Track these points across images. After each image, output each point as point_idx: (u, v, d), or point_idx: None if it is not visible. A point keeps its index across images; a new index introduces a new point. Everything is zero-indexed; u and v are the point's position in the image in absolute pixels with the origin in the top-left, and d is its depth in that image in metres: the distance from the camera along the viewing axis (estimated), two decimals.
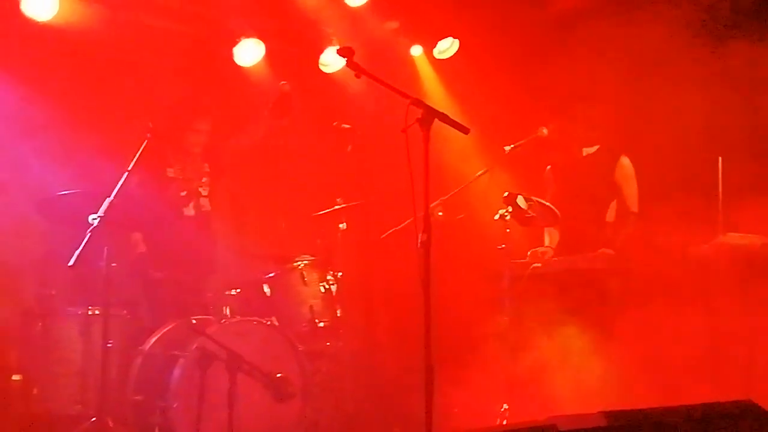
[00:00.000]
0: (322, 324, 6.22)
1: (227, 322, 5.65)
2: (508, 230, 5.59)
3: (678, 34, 6.39)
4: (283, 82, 6.29)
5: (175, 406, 5.27)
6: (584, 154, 6.29)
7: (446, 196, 6.09)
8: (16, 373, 5.67)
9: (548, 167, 6.47)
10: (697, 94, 6.32)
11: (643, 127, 6.52)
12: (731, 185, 5.26)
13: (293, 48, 7.59)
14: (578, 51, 6.70)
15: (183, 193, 6.33)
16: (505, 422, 5.37)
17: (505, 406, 5.44)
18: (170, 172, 6.32)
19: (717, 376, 5.53)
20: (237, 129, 6.58)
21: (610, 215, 6.15)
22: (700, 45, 6.32)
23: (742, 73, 6.21)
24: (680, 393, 5.29)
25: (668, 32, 6.40)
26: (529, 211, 5.58)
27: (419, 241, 4.03)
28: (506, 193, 5.59)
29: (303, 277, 6.27)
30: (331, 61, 7.45)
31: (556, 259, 6.03)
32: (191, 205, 6.35)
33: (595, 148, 6.27)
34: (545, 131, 5.98)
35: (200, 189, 6.40)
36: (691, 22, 6.36)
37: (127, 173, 5.22)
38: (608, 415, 3.19)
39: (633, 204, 6.13)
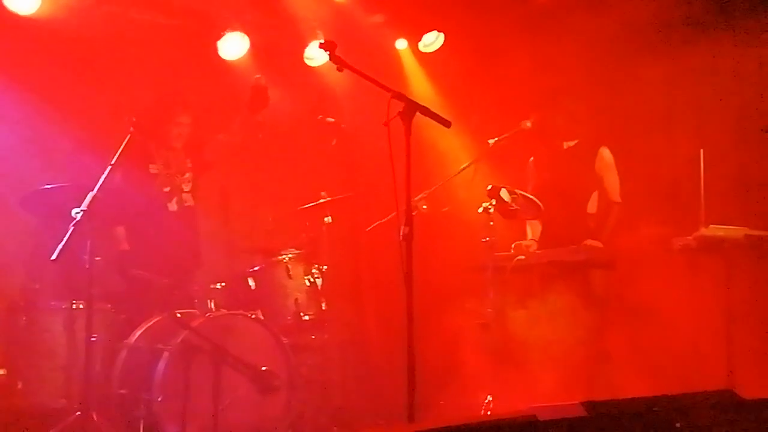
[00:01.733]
0: (307, 317, 6.23)
1: (212, 316, 5.65)
2: (491, 223, 5.62)
3: (663, 26, 6.42)
4: (258, 76, 6.28)
5: (159, 399, 5.27)
6: (565, 147, 6.31)
7: (430, 190, 6.10)
8: (0, 367, 5.64)
9: (531, 159, 6.49)
10: (680, 87, 6.37)
11: (625, 120, 6.56)
12: (713, 177, 5.28)
13: (278, 42, 7.57)
14: (562, 44, 6.73)
15: (166, 189, 6.33)
16: (488, 413, 5.40)
17: (489, 397, 5.47)
18: (153, 168, 6.31)
19: (699, 366, 5.58)
20: (220, 123, 6.56)
21: (591, 207, 6.17)
22: (683, 37, 6.36)
23: (724, 66, 6.25)
24: (662, 383, 5.33)
25: (653, 24, 6.44)
26: (513, 204, 5.60)
27: (401, 233, 4.04)
28: (490, 186, 5.61)
29: (288, 271, 6.27)
30: (315, 54, 7.43)
31: (539, 251, 6.05)
32: (174, 200, 6.36)
33: (574, 141, 6.29)
34: (528, 124, 6.02)
35: (183, 185, 6.39)
36: (675, 14, 6.39)
37: (110, 167, 5.21)
38: (588, 405, 3.21)
39: (615, 194, 6.16)
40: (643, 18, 6.36)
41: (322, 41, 4.26)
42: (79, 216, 4.99)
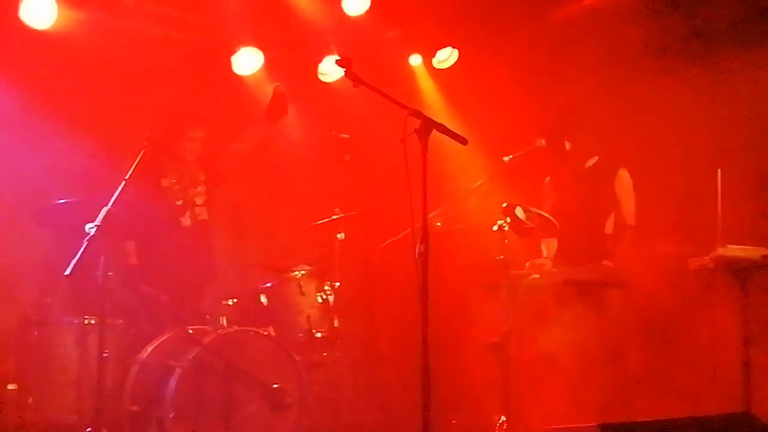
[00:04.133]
0: (319, 334, 6.19)
1: (224, 332, 5.62)
2: (506, 241, 5.58)
3: (679, 45, 6.41)
4: (277, 84, 6.29)
5: (171, 416, 5.24)
6: (586, 166, 6.28)
7: (444, 207, 6.09)
8: (12, 382, 5.63)
9: (547, 179, 6.46)
10: (697, 106, 6.34)
11: (643, 139, 6.53)
12: (730, 197, 5.24)
13: (292, 57, 7.59)
14: (578, 62, 6.72)
15: (179, 203, 6.32)
16: None
17: (503, 418, 5.43)
18: (165, 182, 6.30)
19: (716, 388, 5.53)
20: (233, 137, 6.56)
21: (609, 227, 6.14)
22: (701, 57, 6.34)
23: (742, 86, 6.22)
24: (679, 405, 5.28)
25: (670, 43, 6.42)
26: (528, 222, 5.57)
27: (417, 251, 4.02)
28: (505, 204, 5.58)
29: (300, 287, 6.25)
30: (330, 70, 7.44)
31: (554, 270, 6.02)
32: (187, 214, 6.35)
33: (594, 159, 6.26)
34: (543, 142, 6.00)
35: (195, 198, 6.38)
36: (692, 32, 6.37)
37: (124, 182, 5.21)
38: (604, 427, 3.18)
39: (630, 217, 6.12)
40: (662, 37, 6.34)
41: (339, 58, 4.26)
42: (93, 231, 4.98)
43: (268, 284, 6.31)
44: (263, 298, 6.21)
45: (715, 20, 6.31)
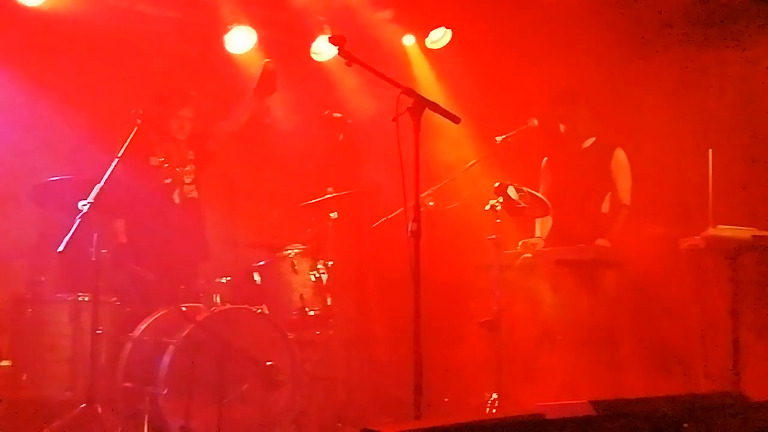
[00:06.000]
0: (312, 312, 6.21)
1: (217, 310, 5.62)
2: (498, 220, 5.60)
3: (672, 25, 6.41)
4: (267, 60, 6.27)
5: (164, 393, 5.25)
6: (583, 147, 6.30)
7: (437, 186, 6.10)
8: (6, 358, 5.64)
9: (545, 159, 6.47)
10: (688, 86, 6.35)
11: (635, 120, 6.54)
12: (721, 177, 5.26)
13: (285, 36, 7.56)
14: (572, 42, 6.71)
15: (167, 181, 6.30)
16: (494, 411, 5.39)
17: (494, 395, 5.46)
18: (153, 161, 6.28)
19: (706, 366, 5.57)
20: (222, 115, 6.55)
21: (605, 207, 6.17)
22: (692, 38, 6.35)
23: (733, 67, 6.23)
24: (669, 382, 5.32)
25: (662, 24, 6.42)
26: (520, 202, 5.58)
27: (409, 230, 4.03)
28: (497, 184, 5.59)
29: (293, 266, 6.26)
30: (322, 49, 7.42)
31: (546, 249, 6.04)
32: (176, 192, 6.33)
33: (591, 140, 6.28)
34: (535, 122, 6.01)
35: (184, 176, 6.37)
36: (685, 13, 6.37)
37: (117, 160, 5.20)
38: (596, 404, 3.20)
39: (625, 197, 6.15)
40: (655, 18, 6.34)
41: (331, 36, 4.25)
42: (85, 208, 4.98)
43: (262, 263, 6.32)
44: (257, 277, 6.22)
45: (707, 3, 6.32)
